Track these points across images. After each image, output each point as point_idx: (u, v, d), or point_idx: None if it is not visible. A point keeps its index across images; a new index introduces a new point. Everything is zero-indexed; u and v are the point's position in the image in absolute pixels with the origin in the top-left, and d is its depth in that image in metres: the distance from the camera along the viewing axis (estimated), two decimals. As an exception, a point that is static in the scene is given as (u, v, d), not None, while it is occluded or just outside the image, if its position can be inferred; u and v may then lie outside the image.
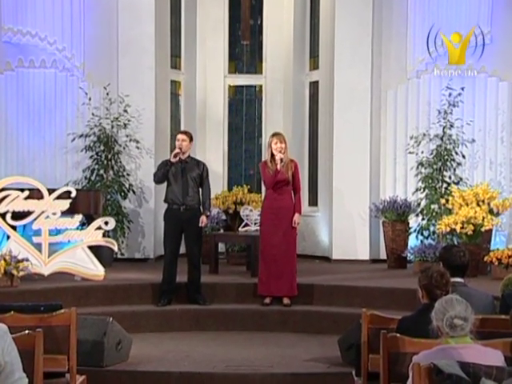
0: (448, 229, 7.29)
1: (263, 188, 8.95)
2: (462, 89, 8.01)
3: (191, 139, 6.56)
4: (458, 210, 7.36)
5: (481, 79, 8.38)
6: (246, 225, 7.80)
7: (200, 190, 6.52)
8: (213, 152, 9.41)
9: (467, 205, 7.37)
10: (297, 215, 6.37)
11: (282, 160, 6.25)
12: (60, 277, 6.58)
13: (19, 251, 6.39)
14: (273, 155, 6.31)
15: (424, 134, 8.09)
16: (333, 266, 8.17)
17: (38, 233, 6.61)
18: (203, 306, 6.36)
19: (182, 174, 6.42)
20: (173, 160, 6.38)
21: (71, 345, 3.83)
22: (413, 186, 8.30)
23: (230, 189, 9.21)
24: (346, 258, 8.30)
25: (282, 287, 6.32)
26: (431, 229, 7.88)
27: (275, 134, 6.43)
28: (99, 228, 6.78)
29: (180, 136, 6.50)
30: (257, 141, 9.72)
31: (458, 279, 3.85)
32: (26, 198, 6.55)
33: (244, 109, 9.75)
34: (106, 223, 6.84)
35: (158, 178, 6.55)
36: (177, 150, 6.39)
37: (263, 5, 9.51)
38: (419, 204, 8.05)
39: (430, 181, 7.94)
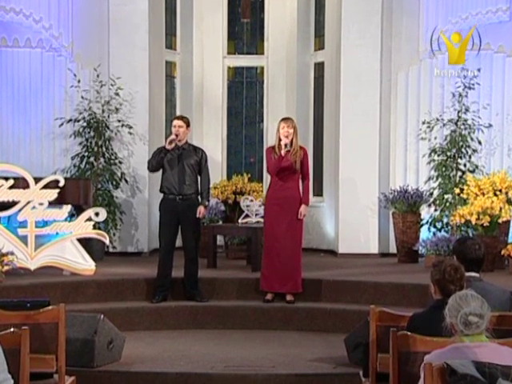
0: (463, 220, 7.29)
1: (265, 177, 8.98)
2: (479, 70, 7.99)
3: (188, 125, 6.55)
4: (474, 200, 7.36)
5: (499, 59, 8.35)
6: (247, 216, 7.80)
7: (198, 178, 6.52)
8: (211, 138, 9.40)
9: (483, 194, 7.37)
10: (303, 206, 6.36)
11: (286, 145, 6.25)
12: (47, 271, 6.59)
13: (3, 244, 6.40)
14: (280, 141, 6.32)
15: (437, 119, 8.08)
16: (339, 260, 8.19)
17: (23, 224, 6.62)
18: (201, 302, 6.37)
19: (179, 161, 6.42)
20: (168, 147, 6.37)
21: (60, 344, 3.84)
22: (425, 174, 8.30)
23: (229, 178, 9.20)
24: (353, 252, 8.31)
25: (286, 283, 6.32)
26: (444, 220, 7.88)
27: (284, 119, 6.45)
28: (89, 219, 6.78)
29: (176, 122, 6.49)
30: (258, 126, 9.71)
31: (473, 274, 3.86)
32: (11, 188, 6.54)
33: (244, 92, 9.73)
34: (97, 214, 6.84)
35: (153, 167, 6.54)
36: (172, 137, 6.38)
37: (265, -20, 9.49)
38: (432, 194, 8.05)
39: (444, 169, 7.94)
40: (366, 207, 8.38)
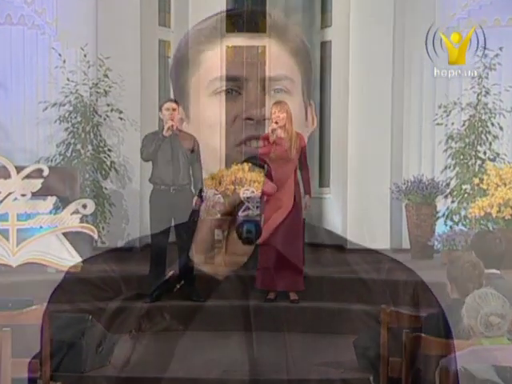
0: (482, 213, 7.29)
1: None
2: (501, 49, 7.96)
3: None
4: (494, 190, 7.36)
5: (523, 37, 8.33)
6: (247, 209, 7.80)
7: (190, 167, 6.53)
8: (208, 123, 9.38)
9: (505, 185, 7.36)
10: (308, 197, 6.39)
11: (273, 132, 6.27)
12: (31, 268, 6.60)
13: (-17, 239, 6.42)
14: None
15: (455, 103, 8.06)
16: (347, 256, 8.18)
17: (4, 218, 6.62)
18: (197, 301, 6.37)
19: (172, 149, 6.42)
20: (167, 134, 6.38)
21: (44, 347, 3.84)
22: (441, 163, 8.29)
23: (228, 167, 9.19)
24: (362, 247, 8.31)
25: (285, 281, 6.34)
26: (462, 213, 7.88)
27: (275, 103, 6.54)
28: (76, 212, 6.78)
29: (170, 105, 6.52)
30: (259, 111, 9.69)
31: (494, 271, 3.86)
32: (-9, 177, 6.56)
33: (244, 73, 9.70)
34: (84, 207, 6.84)
35: (149, 155, 6.54)
36: (171, 123, 6.39)
37: (266, -50, 9.46)
38: (448, 184, 8.05)
39: (462, 157, 7.93)
40: (376, 199, 8.37)
